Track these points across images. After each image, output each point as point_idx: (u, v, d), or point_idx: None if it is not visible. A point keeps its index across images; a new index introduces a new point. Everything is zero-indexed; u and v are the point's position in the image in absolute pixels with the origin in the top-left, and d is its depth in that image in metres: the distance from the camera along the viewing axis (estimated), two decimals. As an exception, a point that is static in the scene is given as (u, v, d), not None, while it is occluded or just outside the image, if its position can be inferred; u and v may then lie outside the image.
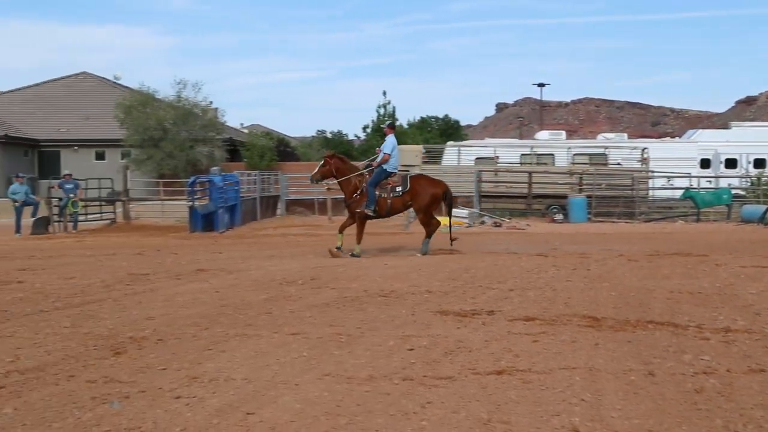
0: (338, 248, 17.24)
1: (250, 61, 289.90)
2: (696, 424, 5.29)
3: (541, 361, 7.05)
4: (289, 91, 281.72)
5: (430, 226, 17.58)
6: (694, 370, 6.65)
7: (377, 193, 17.35)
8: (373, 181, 17.34)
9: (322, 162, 18.14)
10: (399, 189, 17.43)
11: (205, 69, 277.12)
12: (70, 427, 5.32)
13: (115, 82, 58.20)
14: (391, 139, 17.64)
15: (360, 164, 19.95)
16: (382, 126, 18.56)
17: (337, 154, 18.24)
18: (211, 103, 49.17)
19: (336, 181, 18.11)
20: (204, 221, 27.64)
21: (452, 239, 17.80)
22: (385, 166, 17.44)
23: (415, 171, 27.16)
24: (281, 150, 53.99)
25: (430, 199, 17.59)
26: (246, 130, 70.11)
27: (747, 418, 5.38)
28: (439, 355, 7.35)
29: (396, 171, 17.77)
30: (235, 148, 52.44)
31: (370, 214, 17.63)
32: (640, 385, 6.22)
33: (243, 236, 25.42)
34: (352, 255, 17.03)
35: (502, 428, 5.27)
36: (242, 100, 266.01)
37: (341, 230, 17.80)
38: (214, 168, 32.94)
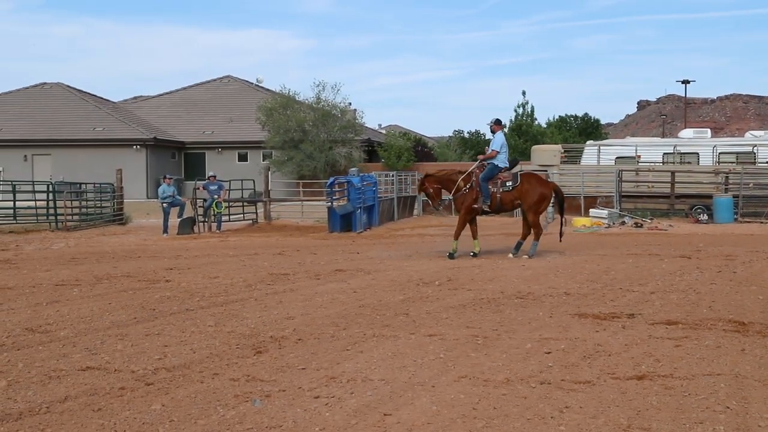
0: (474, 254, 17.26)
1: (388, 61, 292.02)
2: None
3: (684, 366, 6.87)
4: (426, 90, 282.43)
5: (538, 227, 17.40)
6: None
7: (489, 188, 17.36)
8: (486, 176, 17.34)
9: (423, 190, 18.38)
10: (509, 184, 17.37)
11: (344, 70, 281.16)
12: (215, 424, 5.48)
13: (257, 85, 59.57)
14: (499, 136, 17.60)
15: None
16: (489, 123, 18.39)
17: (428, 175, 18.30)
18: (349, 104, 49.86)
19: (451, 196, 18.07)
20: (342, 221, 27.98)
21: (561, 235, 17.89)
22: (496, 162, 17.41)
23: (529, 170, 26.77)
24: (418, 150, 54.19)
25: (539, 198, 17.41)
26: (384, 131, 70.73)
27: None
28: (577, 358, 7.25)
29: (506, 166, 17.68)
30: (373, 149, 52.96)
31: (486, 208, 17.68)
32: (790, 393, 5.99)
33: (380, 236, 25.63)
34: (449, 255, 17.14)
35: (643, 435, 5.16)
36: (380, 100, 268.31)
37: (474, 236, 17.75)
38: (353, 169, 33.33)
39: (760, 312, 9.50)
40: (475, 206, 17.56)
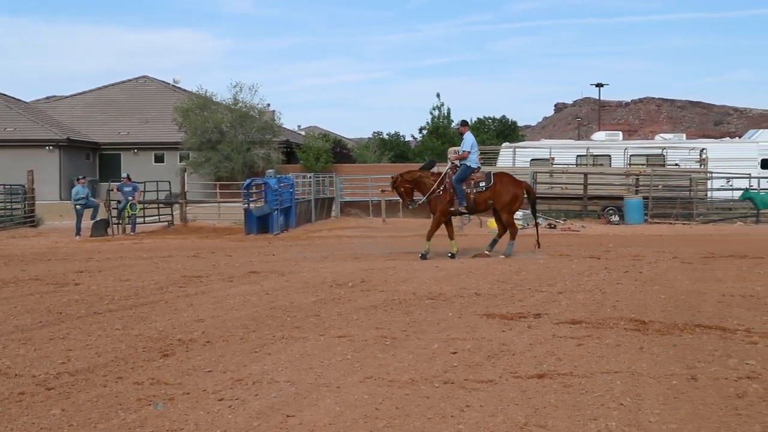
0: (452, 255, 17.37)
1: (309, 63, 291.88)
2: (734, 430, 5.26)
3: (584, 364, 7.04)
4: (347, 92, 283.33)
5: (514, 227, 17.58)
6: (738, 374, 6.59)
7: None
8: (459, 177, 17.45)
9: (395, 190, 18.21)
10: (482, 184, 17.51)
11: (264, 71, 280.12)
12: (115, 428, 5.46)
13: (174, 86, 58.88)
14: (468, 137, 17.72)
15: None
16: (456, 127, 18.51)
17: (400, 175, 18.16)
18: (268, 105, 49.57)
19: (425, 197, 18.03)
20: (259, 223, 27.91)
21: (538, 242, 17.99)
22: (468, 163, 17.55)
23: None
24: (337, 151, 54.18)
25: (511, 198, 17.60)
26: (303, 132, 70.51)
27: (787, 424, 5.34)
28: (481, 358, 7.38)
29: (479, 166, 17.86)
30: (292, 150, 52.76)
31: (462, 209, 17.86)
32: (682, 389, 6.19)
33: (297, 238, 25.62)
34: (422, 256, 17.20)
35: (539, 432, 5.30)
36: (301, 102, 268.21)
37: (451, 237, 17.82)
38: (270, 170, 33.24)
39: (661, 311, 9.77)
40: (451, 208, 17.66)
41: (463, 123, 18.48)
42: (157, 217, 32.76)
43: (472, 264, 15.49)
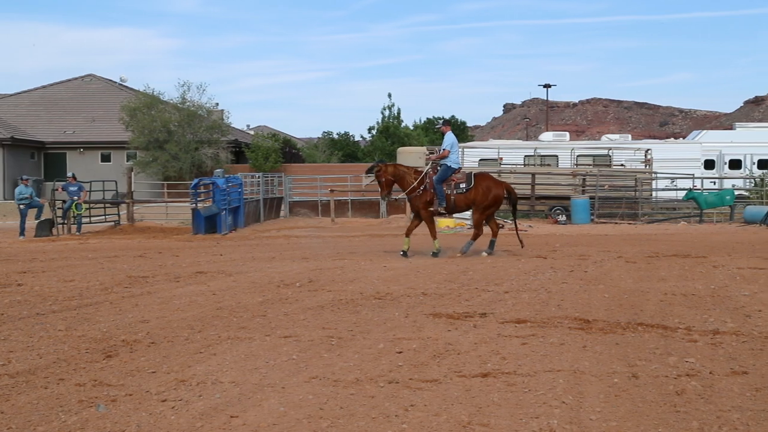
0: (434, 253, 17.32)
1: (258, 62, 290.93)
2: (672, 426, 5.35)
3: (527, 363, 7.11)
4: (296, 92, 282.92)
5: (480, 228, 17.62)
6: (678, 372, 6.70)
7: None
8: (440, 178, 17.39)
9: (376, 178, 18.08)
10: (463, 186, 17.45)
11: (213, 71, 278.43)
12: (55, 430, 5.39)
13: (121, 85, 58.38)
14: (449, 136, 17.67)
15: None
16: (438, 127, 18.43)
17: (385, 165, 18.05)
18: (216, 104, 49.37)
19: (405, 192, 17.97)
20: (207, 223, 27.69)
21: (521, 241, 18.07)
22: (449, 163, 17.50)
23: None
24: (286, 151, 54.07)
25: (492, 200, 17.59)
26: (252, 132, 70.24)
27: (723, 420, 5.44)
28: (427, 357, 7.41)
29: (460, 167, 17.83)
30: (241, 150, 52.57)
31: (441, 210, 17.80)
32: (623, 387, 6.28)
33: (245, 238, 25.49)
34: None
35: (481, 430, 5.34)
36: (250, 101, 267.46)
37: (433, 236, 17.79)
38: (218, 170, 33.04)
39: (605, 310, 9.89)
40: (431, 209, 17.63)
41: (445, 122, 18.45)
42: (104, 217, 32.37)
43: (420, 264, 15.54)
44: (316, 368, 7.01)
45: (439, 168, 17.57)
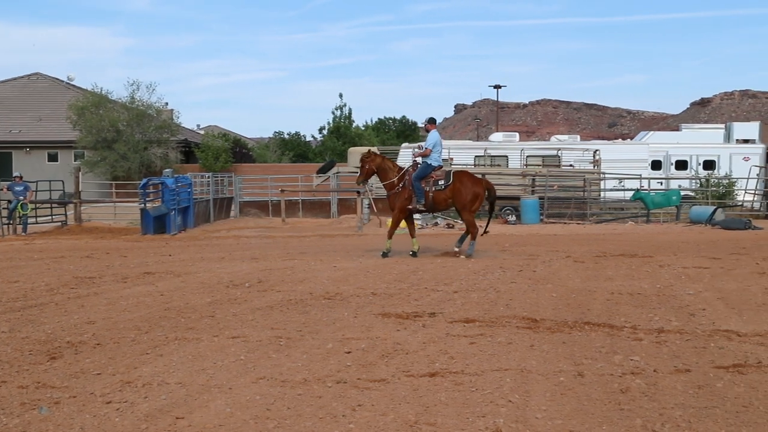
0: (413, 253, 17.23)
1: (209, 62, 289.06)
2: (616, 424, 5.41)
3: (475, 362, 7.14)
4: (247, 92, 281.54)
5: (474, 227, 17.51)
6: (623, 370, 6.78)
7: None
8: (418, 175, 17.31)
9: (361, 163, 18.01)
10: (441, 182, 17.35)
11: (164, 70, 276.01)
12: (-4, 433, 5.33)
13: (68, 83, 57.59)
14: (433, 135, 17.63)
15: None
16: (421, 124, 18.36)
17: (374, 154, 18.00)
18: (166, 104, 49.02)
19: (383, 183, 17.89)
20: (156, 223, 27.46)
21: (485, 231, 18.05)
22: (429, 161, 17.40)
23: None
24: (237, 151, 53.79)
25: (472, 197, 17.48)
26: (202, 132, 69.76)
27: (666, 418, 5.51)
28: (375, 357, 7.41)
29: (441, 164, 17.77)
30: (191, 150, 52.19)
31: (421, 208, 17.68)
32: (569, 385, 6.34)
33: (195, 238, 25.31)
34: (383, 254, 17.11)
35: (428, 430, 5.35)
36: (201, 101, 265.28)
37: (412, 235, 17.72)
38: (167, 170, 32.77)
39: (552, 309, 9.97)
40: (409, 206, 17.55)
41: (430, 120, 18.39)
42: (50, 217, 31.96)
43: (370, 264, 15.53)
44: (264, 369, 6.98)
45: (419, 165, 17.57)
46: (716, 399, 5.94)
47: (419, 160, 17.73)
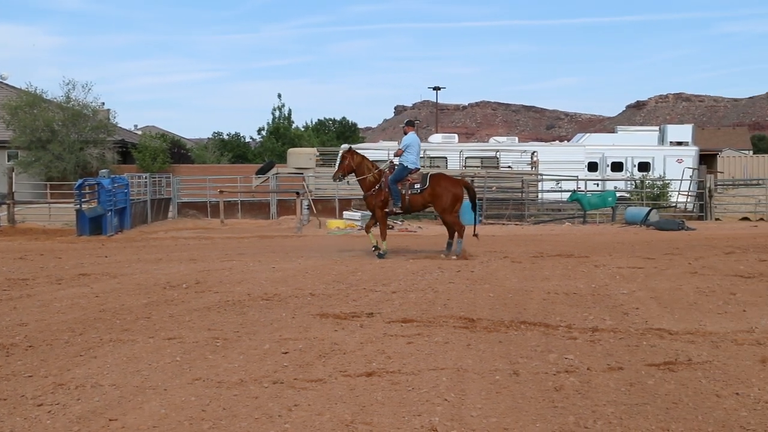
0: (375, 248, 17.17)
1: (146, 61, 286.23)
2: (550, 421, 5.48)
3: (412, 362, 7.17)
4: (185, 92, 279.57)
5: (459, 226, 17.43)
6: (557, 368, 6.86)
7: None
8: (395, 178, 17.21)
9: (341, 158, 17.89)
10: (417, 186, 17.26)
11: (100, 69, 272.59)
12: (-76, 437, 5.22)
13: (1, 82, 56.52)
14: (409, 136, 17.57)
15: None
16: (401, 126, 18.18)
17: (354, 152, 17.86)
18: (102, 104, 48.25)
19: (357, 179, 17.76)
20: (92, 224, 27.09)
21: (475, 234, 17.99)
22: (405, 164, 17.31)
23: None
24: (175, 152, 53.28)
25: (452, 199, 17.43)
26: (140, 132, 68.95)
27: (598, 415, 5.59)
28: (312, 357, 7.41)
29: (418, 167, 17.69)
30: (128, 150, 51.54)
31: (397, 210, 17.57)
32: (504, 384, 6.40)
33: (132, 239, 25.02)
34: (379, 255, 17.01)
35: (364, 429, 5.36)
36: (138, 101, 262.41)
37: (368, 230, 17.67)
38: (103, 170, 32.36)
39: (489, 309, 10.05)
40: (386, 209, 17.44)
41: (408, 123, 18.33)
42: (-17, 218, 31.38)
43: (309, 264, 15.50)
44: (200, 370, 6.94)
45: (395, 168, 17.51)
46: (647, 396, 6.04)
47: (396, 160, 17.73)
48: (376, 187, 17.40)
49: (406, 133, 17.91)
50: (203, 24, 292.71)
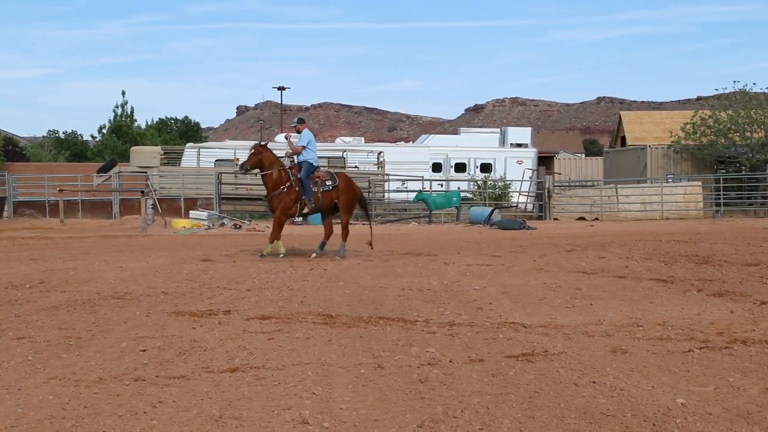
0: (262, 255, 16.56)
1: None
2: (419, 412, 5.55)
3: (275, 357, 7.14)
4: (17, 89, 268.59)
5: (347, 229, 17.30)
6: (420, 361, 6.96)
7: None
8: (306, 174, 16.77)
9: (252, 151, 17.20)
10: (328, 183, 16.90)
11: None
12: None
13: None
14: (306, 133, 17.22)
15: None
16: (293, 124, 17.60)
17: (267, 149, 17.18)
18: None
19: (261, 173, 17.07)
20: None
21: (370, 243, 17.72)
22: (310, 160, 16.91)
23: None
24: (9, 150, 51.19)
25: (356, 199, 17.36)
26: (-30, 129, 65.92)
27: (465, 404, 5.70)
28: (173, 355, 7.27)
29: (319, 165, 17.33)
30: (-43, 148, 49.21)
31: (309, 208, 17.09)
32: (369, 377, 6.44)
33: (-35, 239, 23.88)
34: (261, 255, 16.53)
35: (233, 423, 5.30)
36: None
37: (277, 237, 16.93)
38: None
39: (347, 305, 10.11)
40: (291, 213, 17.02)
41: (300, 121, 17.92)
42: None
43: (158, 264, 15.18)
44: (55, 369, 6.70)
45: (301, 166, 17.06)
46: (510, 386, 6.20)
47: (295, 158, 17.39)
48: (287, 185, 16.88)
49: (299, 131, 17.66)
50: (36, 19, 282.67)
